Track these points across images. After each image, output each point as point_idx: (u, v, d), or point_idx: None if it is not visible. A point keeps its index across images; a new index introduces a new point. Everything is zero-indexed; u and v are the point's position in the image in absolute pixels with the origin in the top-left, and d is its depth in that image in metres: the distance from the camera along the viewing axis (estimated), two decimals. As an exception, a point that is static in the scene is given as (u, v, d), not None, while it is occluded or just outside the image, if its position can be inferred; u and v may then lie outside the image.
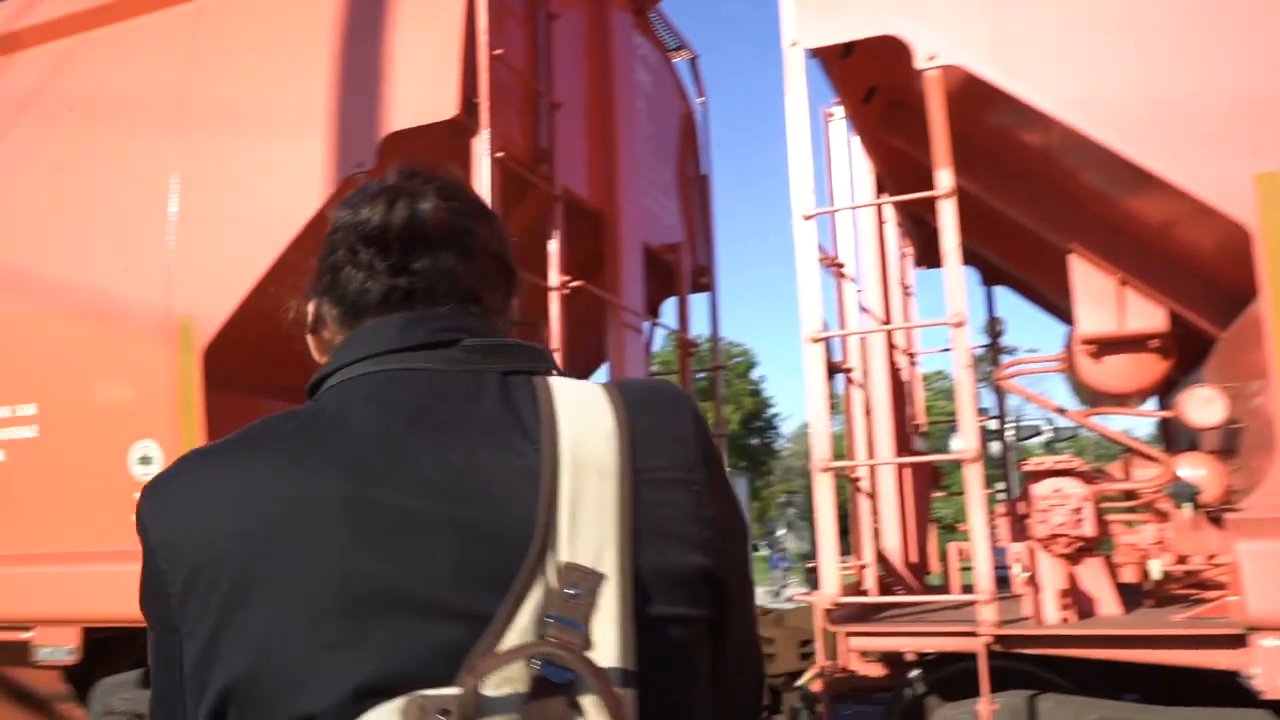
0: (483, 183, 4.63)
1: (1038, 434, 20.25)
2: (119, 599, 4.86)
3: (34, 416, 5.19)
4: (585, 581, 0.75)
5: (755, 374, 48.79)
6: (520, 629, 0.73)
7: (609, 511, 0.79)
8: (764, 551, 38.77)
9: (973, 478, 3.64)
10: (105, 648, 5.20)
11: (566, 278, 5.16)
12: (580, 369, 6.79)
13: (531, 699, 0.69)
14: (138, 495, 1.04)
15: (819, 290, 3.98)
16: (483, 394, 0.87)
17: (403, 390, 0.88)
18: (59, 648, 4.97)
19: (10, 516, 5.25)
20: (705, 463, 0.88)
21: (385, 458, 0.82)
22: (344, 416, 0.87)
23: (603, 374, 6.07)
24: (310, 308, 1.01)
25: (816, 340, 3.94)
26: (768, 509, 43.47)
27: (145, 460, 4.93)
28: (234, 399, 4.97)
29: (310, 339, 1.04)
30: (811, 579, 4.00)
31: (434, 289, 0.94)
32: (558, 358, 5.02)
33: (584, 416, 0.84)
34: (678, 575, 0.81)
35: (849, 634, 3.81)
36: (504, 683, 0.70)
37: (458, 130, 4.65)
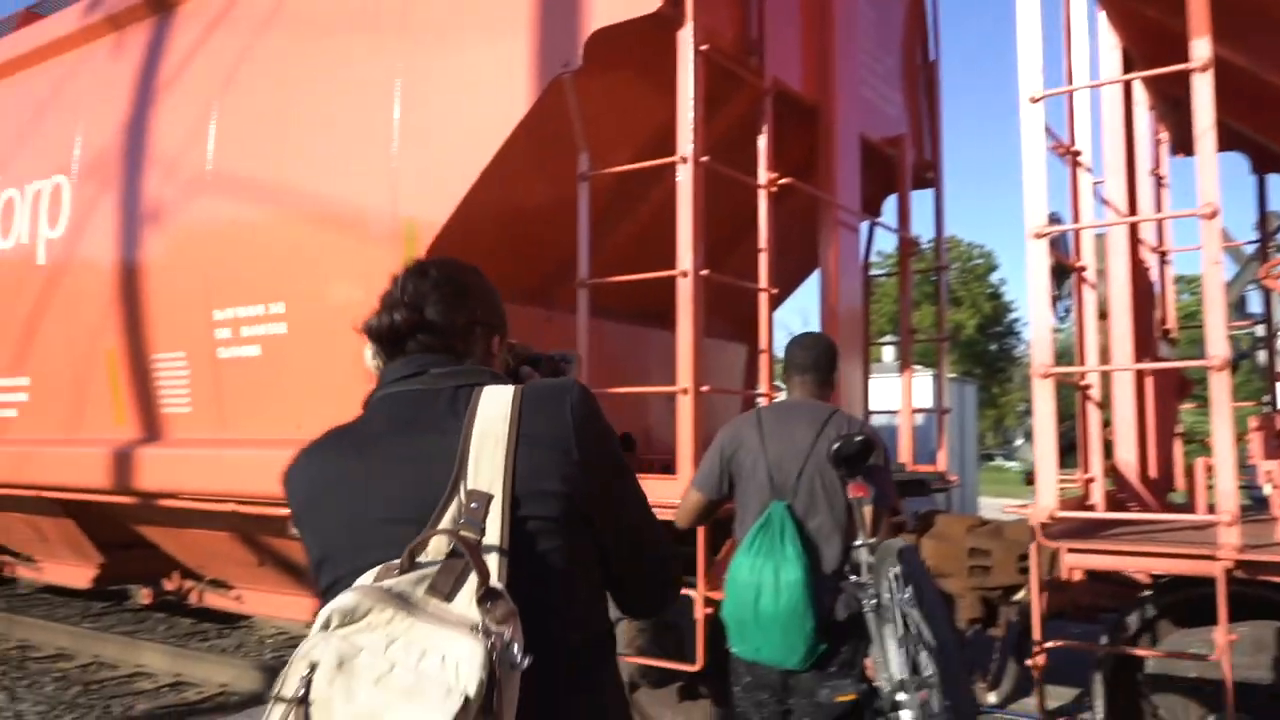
0: (686, 78, 4.53)
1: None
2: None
3: (283, 315, 5.66)
4: (481, 499, 1.35)
5: (995, 276, 46.21)
6: (443, 527, 1.33)
7: (498, 461, 1.38)
8: (999, 462, 37.23)
9: (1219, 387, 3.25)
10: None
11: (775, 175, 5.00)
12: (791, 271, 6.61)
13: (444, 560, 1.28)
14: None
15: (1045, 180, 3.63)
16: (439, 401, 1.49)
17: (394, 404, 1.54)
18: (311, 523, 5.48)
19: (266, 406, 5.81)
20: (576, 432, 1.45)
21: (378, 445, 1.49)
22: (366, 422, 1.56)
23: (814, 278, 5.87)
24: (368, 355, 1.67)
25: (1041, 236, 3.61)
26: (1005, 417, 41.58)
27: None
28: (454, 298, 5.21)
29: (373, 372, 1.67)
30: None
31: (415, 346, 1.60)
32: (763, 258, 4.91)
33: (492, 408, 1.44)
34: (540, 495, 1.40)
35: (1069, 550, 3.57)
36: (432, 554, 1.31)
37: (662, 23, 4.54)
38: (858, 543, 3.01)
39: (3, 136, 7.57)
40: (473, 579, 1.25)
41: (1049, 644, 3.54)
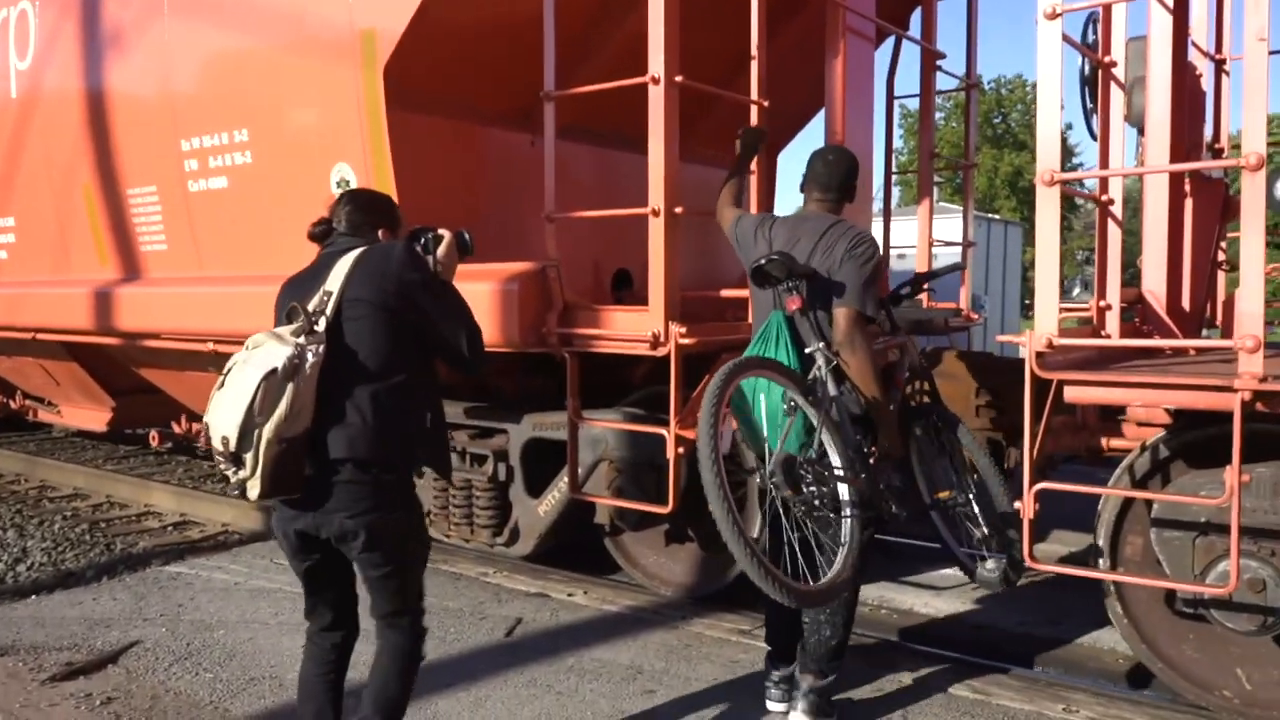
0: None
1: None
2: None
3: (248, 143, 5.31)
4: (327, 294, 2.51)
5: (1062, 121, 43.79)
6: (309, 307, 2.49)
7: (340, 278, 2.52)
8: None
9: (1252, 190, 2.76)
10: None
11: (769, -31, 4.40)
12: (804, 102, 6.02)
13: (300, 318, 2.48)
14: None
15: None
16: (335, 258, 2.59)
17: (321, 258, 2.66)
18: (285, 362, 5.27)
19: (237, 241, 5.53)
20: (395, 268, 2.54)
21: (303, 280, 2.64)
22: (310, 266, 2.69)
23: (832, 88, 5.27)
24: None
25: (1054, 16, 3.07)
26: (1063, 265, 40.33)
27: (343, 184, 4.92)
28: (420, 120, 4.80)
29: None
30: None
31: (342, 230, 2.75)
32: (754, 66, 4.38)
33: (349, 256, 2.56)
34: (357, 298, 2.51)
35: (1062, 382, 3.17)
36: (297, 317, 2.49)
37: None
38: (808, 349, 3.14)
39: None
40: (306, 324, 2.45)
41: (1040, 485, 3.19)
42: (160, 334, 5.95)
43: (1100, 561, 3.60)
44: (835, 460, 2.99)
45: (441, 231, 2.74)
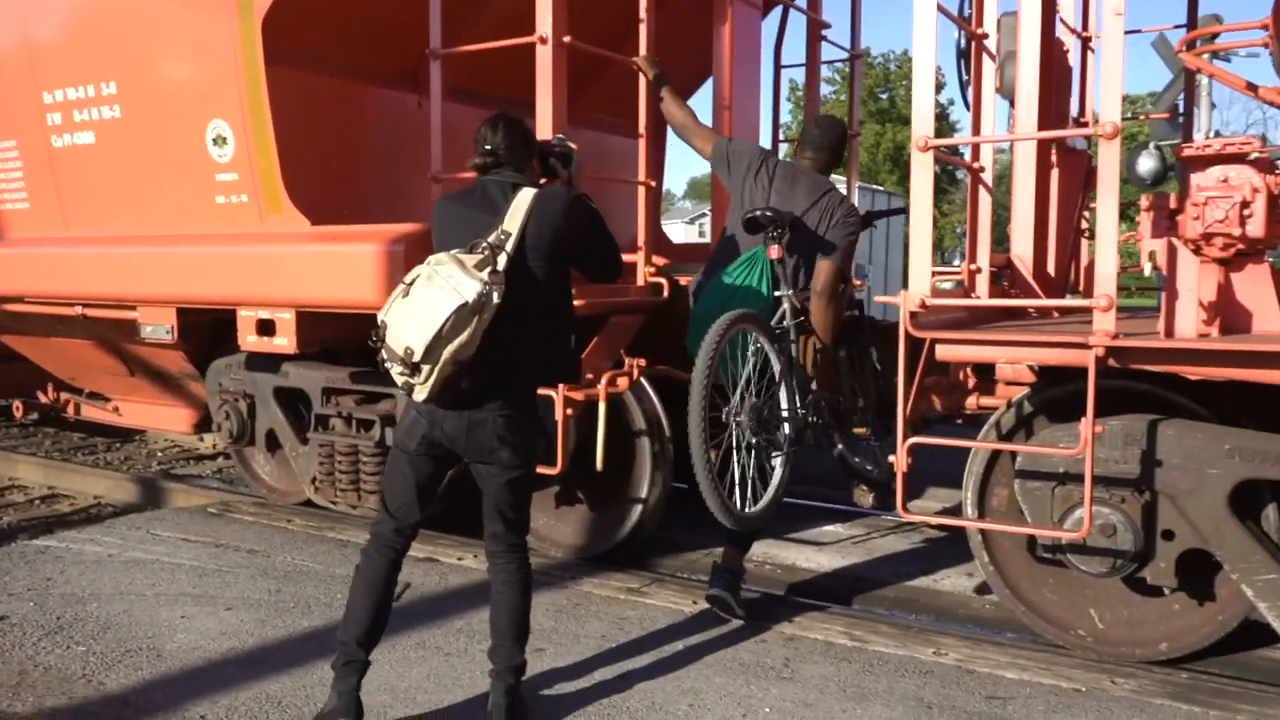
0: None
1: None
2: (207, 280, 4.87)
3: (115, 96, 5.06)
4: (507, 234, 2.78)
5: (944, 97, 45.13)
6: (487, 240, 2.77)
7: (519, 221, 2.79)
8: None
9: (1108, 159, 2.92)
10: (222, 332, 5.26)
11: (655, -68, 4.42)
12: (697, 70, 6.06)
13: (482, 251, 2.76)
14: (218, 177, 4.47)
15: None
16: (502, 189, 2.89)
17: (484, 186, 2.93)
18: (159, 326, 5.09)
19: (106, 199, 5.29)
20: (565, 226, 2.86)
21: (470, 203, 2.92)
22: (471, 191, 2.95)
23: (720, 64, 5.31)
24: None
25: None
26: (943, 239, 41.57)
27: (219, 141, 4.76)
28: (300, 76, 4.67)
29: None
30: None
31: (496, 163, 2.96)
32: (643, 30, 4.40)
33: (521, 198, 2.83)
34: (536, 243, 2.82)
35: (934, 340, 3.31)
36: (479, 250, 2.77)
37: None
38: (779, 292, 3.74)
39: None
40: (488, 259, 2.72)
41: (912, 440, 3.34)
42: (24, 297, 5.66)
43: (970, 512, 3.78)
44: (784, 403, 3.62)
45: (569, 145, 3.16)
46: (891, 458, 3.39)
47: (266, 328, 4.73)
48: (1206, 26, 5.81)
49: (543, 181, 3.09)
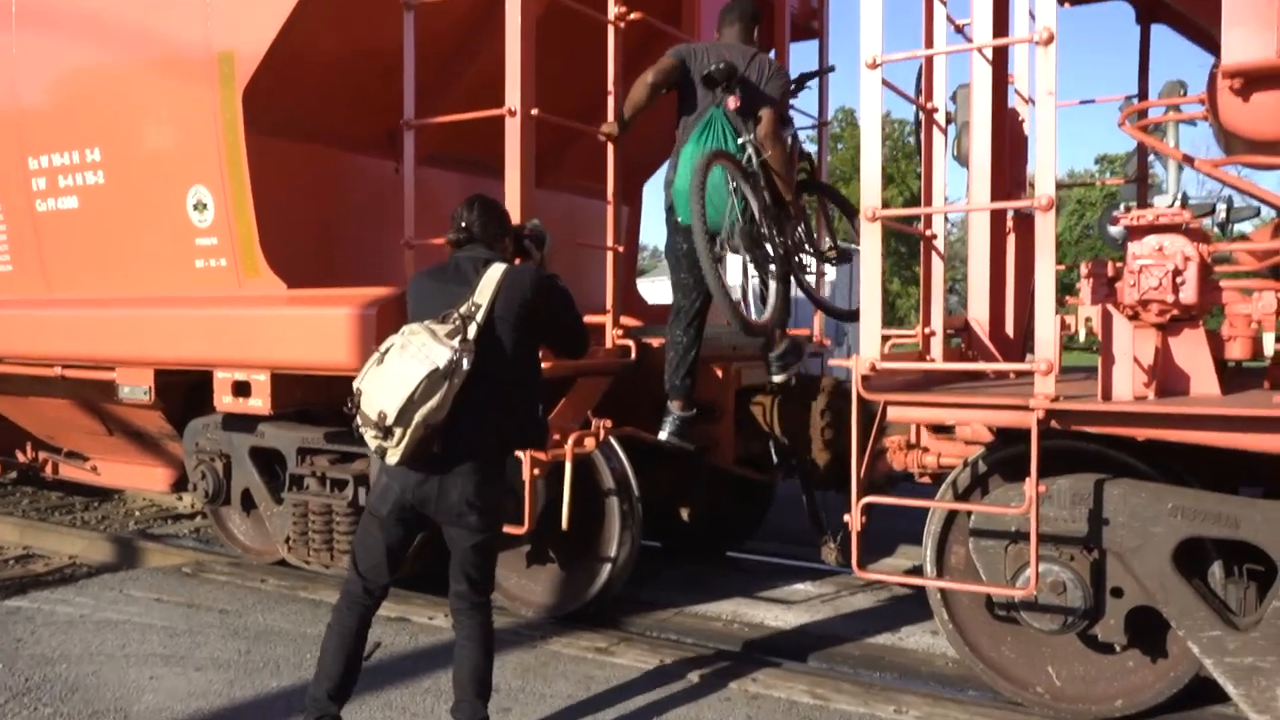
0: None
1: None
2: (184, 342, 4.96)
3: (100, 162, 5.20)
4: (477, 305, 2.97)
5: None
6: (456, 315, 2.95)
7: (489, 293, 2.99)
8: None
9: (1043, 229, 3.07)
10: (199, 392, 5.33)
11: (623, 9, 4.61)
12: (654, 132, 6.22)
13: (453, 322, 2.95)
14: (198, 241, 4.75)
15: (880, 9, 3.34)
16: (474, 265, 3.10)
17: (457, 262, 3.15)
18: (137, 387, 5.17)
19: (87, 262, 5.39)
20: (532, 300, 3.06)
21: (444, 278, 3.14)
22: (444, 266, 3.19)
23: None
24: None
25: (875, 65, 3.34)
26: (891, 297, 41.81)
27: (200, 206, 4.88)
28: (278, 143, 4.80)
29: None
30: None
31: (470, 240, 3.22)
32: (611, 99, 4.56)
33: (492, 272, 3.04)
34: (506, 315, 3.00)
35: (887, 403, 3.42)
36: (450, 320, 2.95)
37: None
38: (741, 139, 4.30)
39: None
40: (459, 328, 2.89)
41: (867, 499, 3.43)
42: (3, 358, 5.73)
43: (930, 570, 3.86)
44: (764, 228, 4.30)
45: (543, 230, 3.46)
46: (847, 517, 3.48)
47: (242, 389, 4.81)
48: (1171, 93, 6.02)
49: (517, 261, 3.30)
